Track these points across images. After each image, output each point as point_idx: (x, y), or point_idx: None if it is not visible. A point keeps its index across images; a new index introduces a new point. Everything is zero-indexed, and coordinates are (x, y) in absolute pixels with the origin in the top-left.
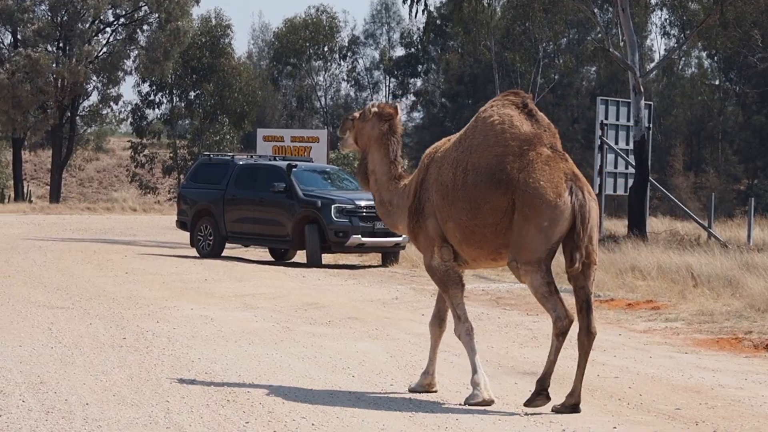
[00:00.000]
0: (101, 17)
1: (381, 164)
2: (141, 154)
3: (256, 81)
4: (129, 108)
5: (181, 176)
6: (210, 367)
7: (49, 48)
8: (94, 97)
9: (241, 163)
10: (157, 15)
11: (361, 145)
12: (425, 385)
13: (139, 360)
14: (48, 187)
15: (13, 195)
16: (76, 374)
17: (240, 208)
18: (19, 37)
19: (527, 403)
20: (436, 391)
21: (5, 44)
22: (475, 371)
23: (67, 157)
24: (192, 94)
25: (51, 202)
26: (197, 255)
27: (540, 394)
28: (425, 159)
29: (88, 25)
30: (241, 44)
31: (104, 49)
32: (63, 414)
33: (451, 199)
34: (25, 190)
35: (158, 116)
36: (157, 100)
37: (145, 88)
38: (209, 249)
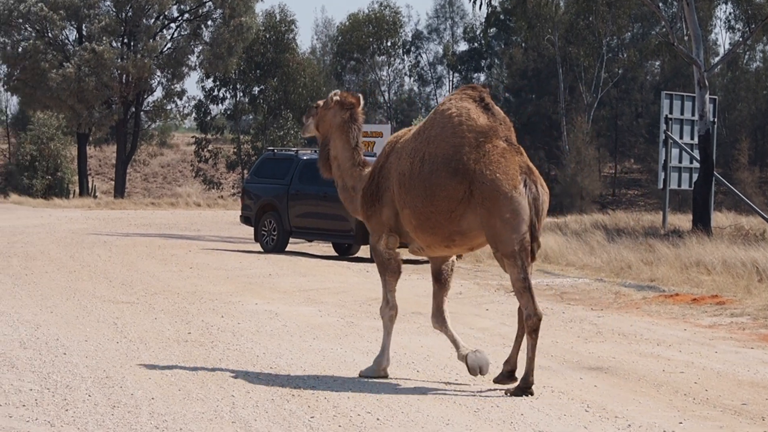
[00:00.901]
0: (166, 13)
1: (343, 151)
2: (205, 150)
3: (319, 76)
4: (193, 103)
5: (245, 171)
6: (275, 361)
7: (114, 43)
8: (159, 93)
9: (305, 158)
10: (221, 11)
11: (323, 132)
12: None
13: (204, 354)
14: (112, 183)
15: (77, 190)
16: (142, 369)
17: (304, 203)
18: (84, 32)
19: (510, 393)
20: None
21: (71, 40)
22: (382, 352)
23: (132, 152)
24: (256, 89)
25: (115, 198)
26: (261, 250)
27: (526, 390)
28: (387, 147)
29: (153, 21)
30: (305, 39)
31: (169, 45)
32: (129, 408)
33: (408, 186)
34: (89, 186)
35: (222, 111)
36: (221, 95)
37: (209, 83)
38: (273, 244)
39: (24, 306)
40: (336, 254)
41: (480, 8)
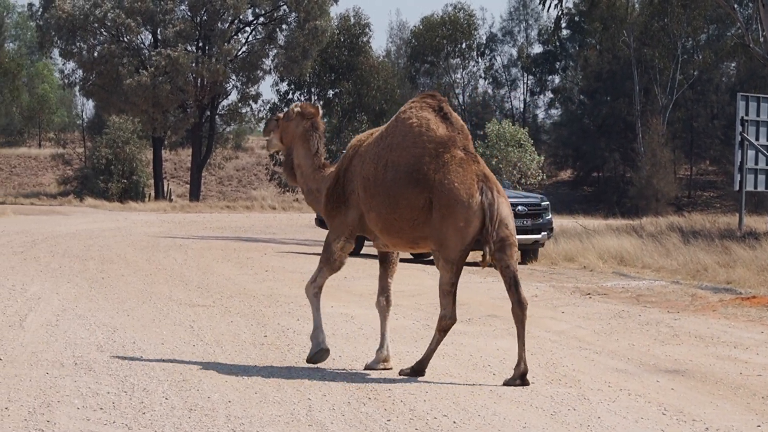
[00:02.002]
0: (241, 17)
1: (305, 158)
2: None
3: (394, 79)
4: (268, 107)
5: None
6: (351, 364)
7: (189, 48)
8: (234, 96)
9: None
10: (296, 14)
11: (286, 143)
12: (381, 360)
13: (280, 357)
14: (188, 186)
15: (153, 194)
16: (218, 372)
17: None
18: (159, 37)
19: (403, 372)
20: (391, 368)
21: (146, 45)
22: (315, 329)
23: (207, 155)
24: (330, 92)
25: (191, 201)
26: None
27: (418, 373)
28: (350, 150)
29: (227, 25)
30: (379, 42)
31: (243, 49)
32: (206, 412)
33: (373, 192)
34: (165, 189)
35: None
36: (296, 98)
37: (284, 86)
38: None
39: (101, 309)
40: (412, 257)
41: (548, 10)
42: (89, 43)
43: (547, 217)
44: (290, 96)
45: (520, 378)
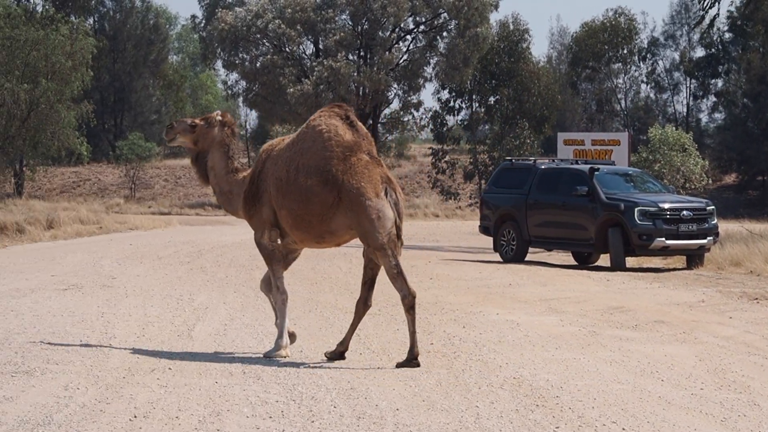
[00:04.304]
0: (401, 25)
1: (220, 161)
2: (442, 160)
3: (555, 85)
4: (429, 114)
5: (482, 181)
6: (518, 371)
7: (351, 57)
8: (395, 105)
9: (543, 167)
10: (456, 21)
11: (202, 147)
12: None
13: (446, 365)
14: None
15: None
16: (386, 380)
17: (542, 213)
18: (320, 46)
19: (399, 365)
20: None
21: (308, 54)
22: (280, 336)
23: None
24: (491, 99)
25: None
26: (500, 260)
27: (412, 362)
28: (263, 154)
29: (388, 33)
30: (539, 48)
31: (404, 57)
32: (374, 419)
33: (285, 191)
34: None
35: (458, 122)
36: (457, 105)
37: (445, 94)
38: (512, 253)
39: (268, 318)
40: (575, 263)
41: (705, 12)
42: (252, 53)
43: (713, 222)
44: (451, 103)
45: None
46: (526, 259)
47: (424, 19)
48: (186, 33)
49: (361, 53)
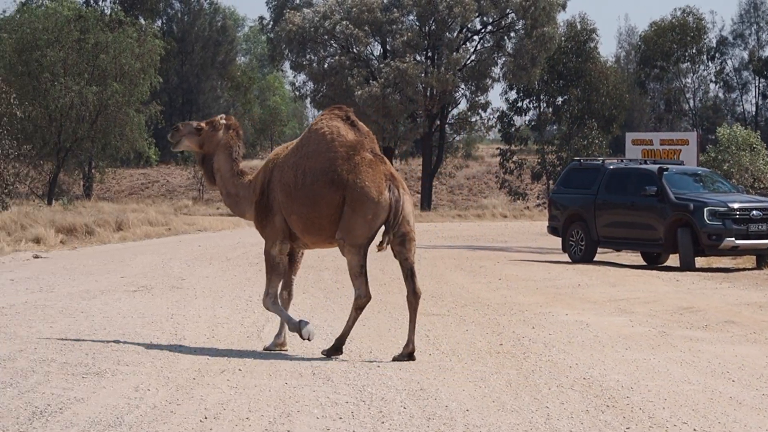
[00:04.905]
0: (468, 26)
1: (225, 164)
2: (510, 161)
3: (623, 85)
4: (497, 115)
5: (550, 182)
6: (588, 372)
7: (418, 57)
8: (463, 105)
9: (611, 167)
10: (523, 21)
11: (207, 150)
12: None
13: (516, 366)
14: (419, 195)
15: None
16: (455, 381)
17: (611, 213)
18: (388, 47)
19: (324, 352)
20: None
21: (375, 55)
22: (288, 324)
23: (437, 165)
24: (559, 99)
25: (422, 210)
26: (569, 260)
27: (337, 350)
28: (269, 164)
29: (455, 34)
30: (607, 48)
31: (472, 57)
32: (444, 420)
33: (294, 196)
34: None
35: (526, 122)
36: (525, 106)
37: (513, 94)
38: (581, 254)
39: (337, 319)
40: (644, 263)
41: None
42: (319, 55)
43: None
44: (519, 104)
45: (407, 356)
46: (595, 259)
47: (491, 20)
48: (254, 34)
49: (429, 54)
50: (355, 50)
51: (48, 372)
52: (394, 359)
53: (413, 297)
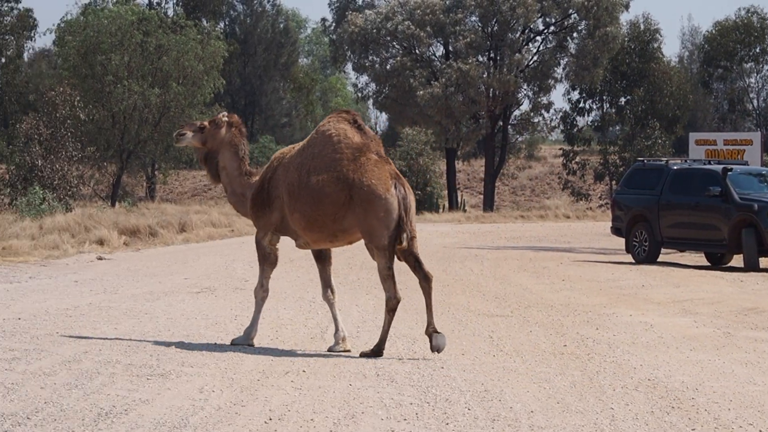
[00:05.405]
0: (531, 26)
1: (231, 162)
2: (572, 161)
3: (687, 85)
4: (560, 115)
5: (613, 182)
6: (652, 373)
7: (480, 58)
8: (525, 106)
9: (675, 167)
10: (586, 22)
11: (211, 147)
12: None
13: (580, 367)
14: (481, 196)
15: (447, 204)
16: (519, 382)
17: (675, 213)
18: (450, 48)
19: (363, 354)
20: (349, 349)
21: (437, 56)
22: (252, 324)
23: (500, 166)
24: (622, 99)
25: (484, 211)
26: (632, 261)
27: (377, 354)
28: (274, 162)
29: (518, 35)
30: (671, 48)
31: (534, 58)
32: (509, 422)
33: (297, 195)
34: (458, 200)
35: (589, 123)
36: (587, 106)
37: (575, 95)
38: (645, 255)
39: (399, 320)
40: (708, 264)
41: None
42: (381, 56)
43: None
44: (582, 104)
45: (431, 334)
46: (659, 260)
47: (553, 20)
48: (316, 36)
49: (491, 55)
50: (417, 51)
51: (113, 373)
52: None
53: (426, 282)
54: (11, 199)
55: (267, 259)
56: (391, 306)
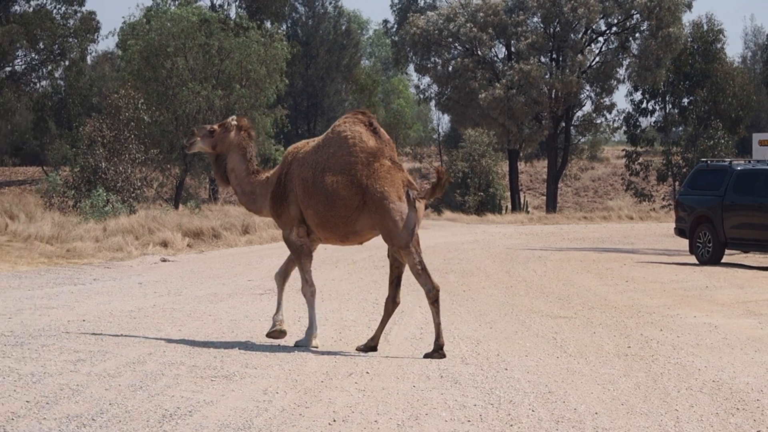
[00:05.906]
0: (593, 27)
1: (240, 163)
2: (635, 162)
3: (750, 85)
4: (622, 116)
5: (676, 183)
6: (717, 375)
7: (542, 59)
8: (588, 107)
9: (739, 168)
10: (648, 22)
11: (220, 150)
12: (276, 330)
13: (644, 368)
14: (544, 198)
15: (509, 206)
16: (583, 383)
17: (739, 214)
18: (512, 49)
19: (427, 355)
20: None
21: (499, 58)
22: (311, 324)
23: (563, 167)
24: (685, 100)
25: (547, 212)
26: (696, 262)
27: (438, 351)
28: (289, 156)
29: (580, 36)
30: (733, 48)
31: (597, 59)
32: (573, 423)
33: (311, 192)
34: (521, 201)
35: (651, 124)
36: (650, 107)
37: (638, 96)
38: (708, 256)
39: (463, 322)
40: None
41: None
42: (444, 57)
43: None
44: (644, 105)
45: (370, 348)
46: (723, 261)
47: (615, 21)
48: (378, 37)
49: (553, 56)
50: (479, 53)
51: (177, 375)
52: (357, 349)
53: (392, 304)
54: (75, 201)
55: (302, 252)
56: (433, 297)
